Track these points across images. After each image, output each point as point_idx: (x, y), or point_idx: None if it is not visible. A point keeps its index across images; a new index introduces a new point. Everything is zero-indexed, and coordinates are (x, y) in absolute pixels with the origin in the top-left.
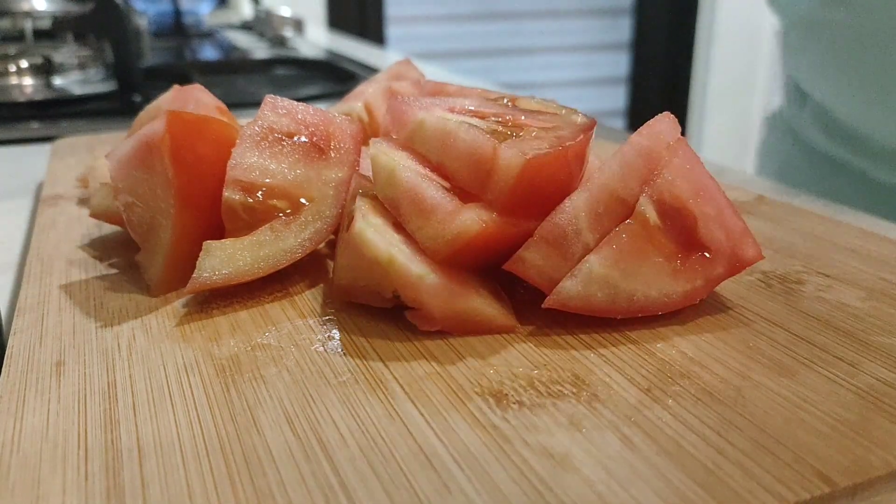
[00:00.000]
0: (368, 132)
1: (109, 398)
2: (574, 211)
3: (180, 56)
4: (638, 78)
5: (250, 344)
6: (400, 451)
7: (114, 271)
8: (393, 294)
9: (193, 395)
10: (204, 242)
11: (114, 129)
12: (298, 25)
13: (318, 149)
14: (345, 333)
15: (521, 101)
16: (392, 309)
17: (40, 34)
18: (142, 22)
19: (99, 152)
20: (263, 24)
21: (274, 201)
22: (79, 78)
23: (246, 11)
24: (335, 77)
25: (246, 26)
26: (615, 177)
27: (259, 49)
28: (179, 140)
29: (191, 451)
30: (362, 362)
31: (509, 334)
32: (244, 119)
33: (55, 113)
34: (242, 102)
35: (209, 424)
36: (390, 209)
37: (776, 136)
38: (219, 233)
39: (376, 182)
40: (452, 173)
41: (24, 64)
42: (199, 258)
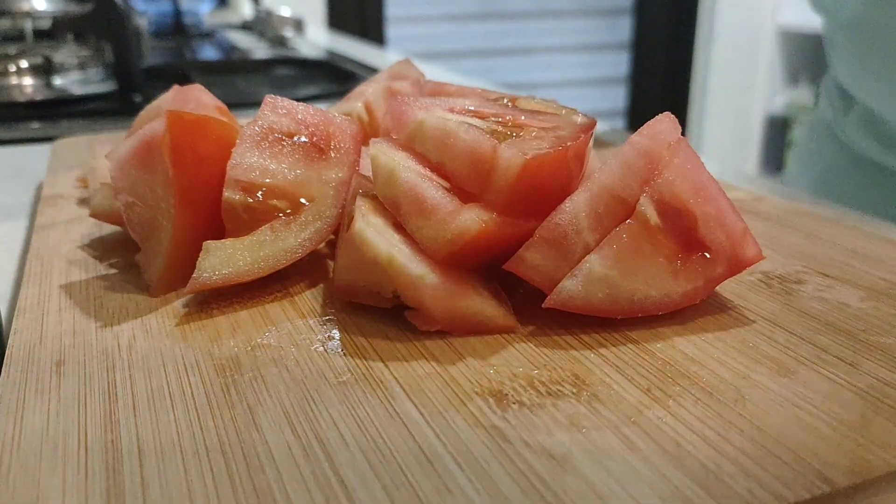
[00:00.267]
0: (368, 132)
1: (109, 398)
2: (574, 211)
3: (180, 56)
4: (638, 78)
5: (250, 344)
6: (400, 451)
7: (114, 271)
8: (393, 294)
9: (193, 395)
10: (204, 242)
11: (114, 129)
12: (298, 25)
13: (318, 149)
14: (345, 333)
15: (521, 101)
16: (392, 309)
17: (40, 34)
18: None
19: (99, 152)
20: (263, 24)
21: (274, 201)
22: (79, 78)
23: (246, 11)
24: (335, 77)
25: (246, 26)
26: (615, 177)
27: (259, 49)
28: (179, 140)
29: (191, 451)
30: (362, 362)
31: (509, 334)
32: (244, 119)
33: (55, 113)
34: (242, 102)
35: (209, 424)
36: (390, 209)
37: (817, 142)
38: (219, 233)
39: (376, 182)
40: (452, 173)
41: (24, 64)
42: (199, 258)
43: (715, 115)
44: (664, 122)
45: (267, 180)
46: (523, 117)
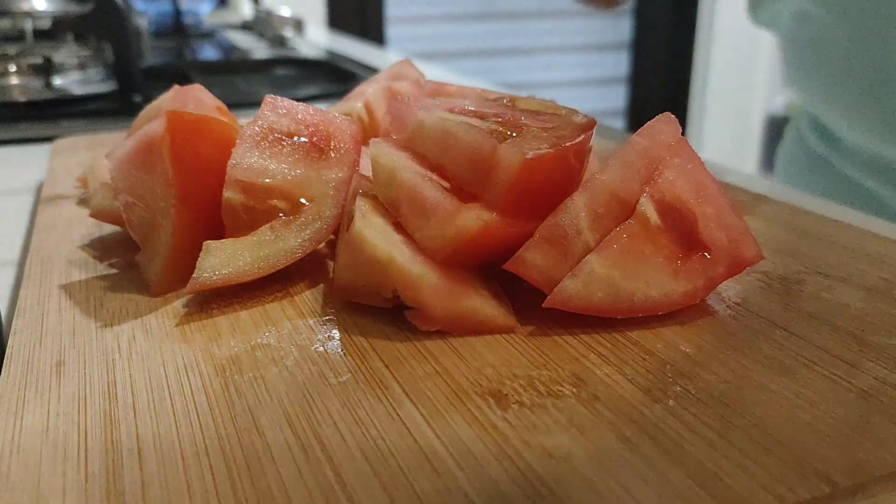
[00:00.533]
0: (368, 132)
1: (109, 398)
2: (574, 211)
3: (180, 56)
4: (638, 78)
5: (250, 344)
6: (400, 451)
7: (114, 271)
8: (393, 294)
9: (193, 396)
10: (204, 242)
11: (114, 129)
12: (298, 25)
13: (318, 149)
14: (345, 333)
15: (521, 101)
16: (392, 309)
17: (40, 34)
18: (142, 22)
19: (99, 152)
20: (263, 24)
21: (274, 201)
22: (79, 78)
23: (246, 11)
24: (335, 77)
25: (246, 26)
26: (616, 177)
27: (259, 49)
28: (179, 140)
29: (191, 451)
30: (362, 362)
31: (509, 334)
32: (244, 119)
33: (55, 113)
34: (242, 102)
35: (209, 424)
36: (390, 209)
37: (791, 141)
38: (219, 233)
39: (376, 182)
40: (452, 173)
41: (24, 64)
42: (199, 258)
43: (715, 115)
44: (664, 122)
45: (267, 180)
46: (523, 117)
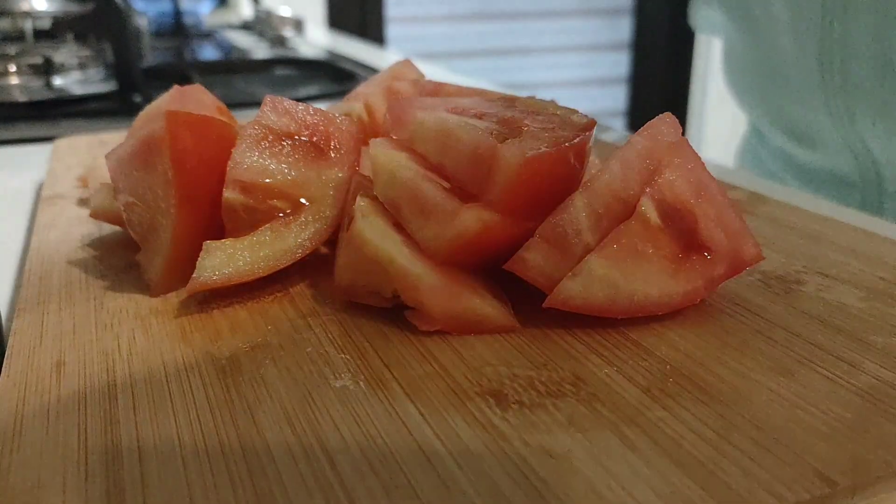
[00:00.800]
0: (368, 132)
1: (109, 398)
2: (575, 211)
3: (180, 56)
4: (638, 78)
5: (250, 344)
6: (400, 451)
7: (114, 271)
8: (393, 294)
9: (193, 396)
10: (204, 242)
11: (114, 129)
12: (298, 25)
13: (318, 149)
14: (345, 333)
15: (521, 101)
16: (392, 309)
17: (40, 34)
18: (142, 22)
19: (99, 152)
20: (263, 24)
21: (274, 201)
22: (79, 78)
23: (246, 11)
24: (335, 77)
25: (246, 26)
26: (616, 177)
27: (259, 49)
28: (179, 140)
29: (191, 451)
30: (362, 362)
31: (509, 334)
32: (244, 119)
33: (55, 113)
34: (242, 102)
35: (209, 424)
36: (390, 209)
37: (743, 138)
38: (219, 233)
39: (376, 182)
40: (452, 173)
41: (24, 64)
42: (199, 258)
43: (715, 115)
44: (664, 123)
45: (267, 180)
46: (523, 117)
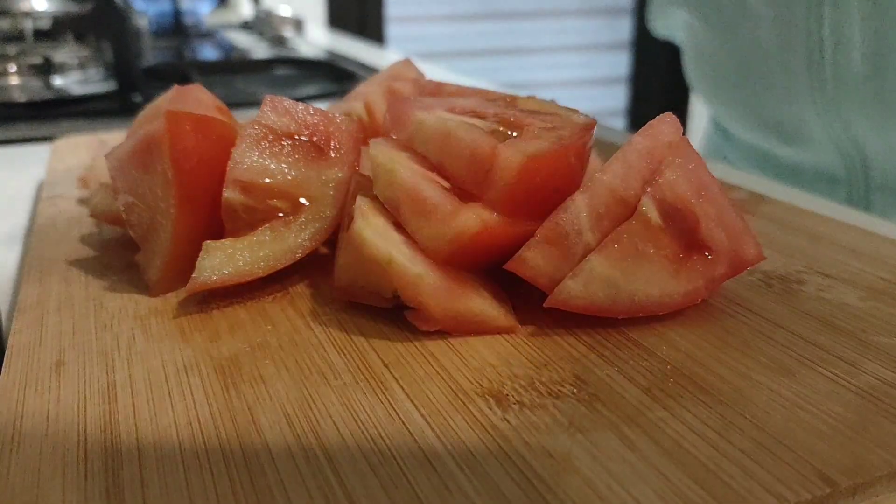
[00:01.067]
0: (368, 132)
1: (109, 398)
2: (575, 211)
3: (180, 56)
4: (638, 78)
5: (250, 344)
6: (400, 451)
7: (114, 271)
8: (393, 294)
9: (193, 395)
10: (204, 242)
11: (114, 129)
12: (298, 25)
13: (318, 149)
14: (345, 333)
15: (521, 101)
16: (392, 309)
17: (40, 34)
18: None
19: (99, 152)
20: (263, 24)
21: (274, 201)
22: (79, 78)
23: (246, 11)
24: (335, 77)
25: (246, 26)
26: (617, 177)
27: (259, 49)
28: (179, 140)
29: (190, 451)
30: (362, 362)
31: (509, 334)
32: (244, 119)
33: (55, 113)
34: (242, 102)
35: (209, 424)
36: (390, 209)
37: (708, 139)
38: (219, 233)
39: (376, 182)
40: (452, 173)
41: (24, 64)
42: (199, 258)
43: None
44: (665, 122)
45: (267, 180)
46: (523, 117)
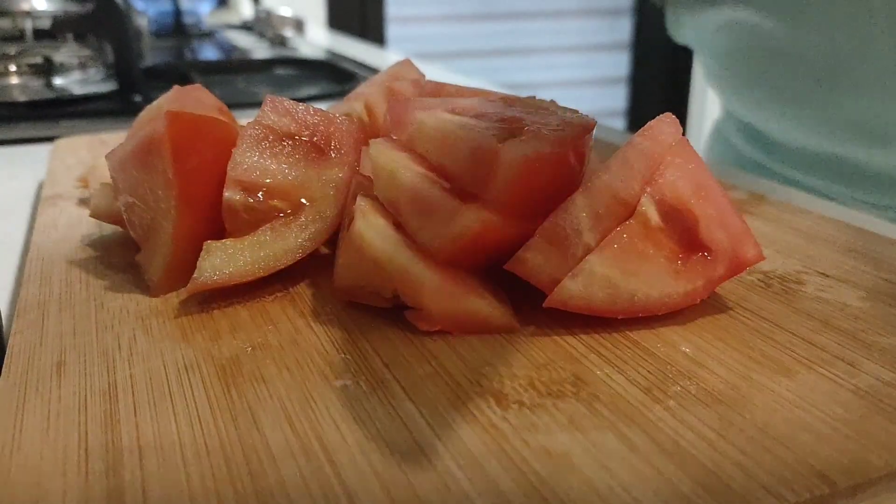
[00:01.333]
0: (368, 132)
1: (110, 398)
2: (575, 211)
3: (180, 56)
4: (638, 78)
5: (251, 344)
6: (400, 451)
7: (114, 271)
8: (393, 294)
9: (194, 396)
10: (204, 242)
11: (114, 129)
12: (298, 25)
13: (319, 149)
14: (345, 333)
15: (521, 101)
16: (392, 309)
17: (40, 34)
18: (142, 22)
19: (99, 152)
20: (263, 24)
21: (274, 201)
22: (79, 78)
23: (246, 11)
24: (335, 77)
25: (246, 26)
26: (616, 177)
27: (259, 49)
28: (179, 140)
29: (191, 451)
30: (362, 362)
31: (509, 334)
32: (244, 119)
33: (55, 113)
34: (242, 102)
35: (209, 424)
36: (390, 210)
37: (718, 145)
38: (219, 233)
39: (377, 182)
40: (453, 173)
41: (24, 64)
42: (200, 258)
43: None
44: (665, 123)
45: (267, 180)
46: (523, 117)
